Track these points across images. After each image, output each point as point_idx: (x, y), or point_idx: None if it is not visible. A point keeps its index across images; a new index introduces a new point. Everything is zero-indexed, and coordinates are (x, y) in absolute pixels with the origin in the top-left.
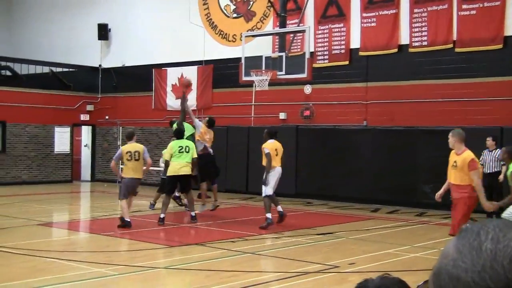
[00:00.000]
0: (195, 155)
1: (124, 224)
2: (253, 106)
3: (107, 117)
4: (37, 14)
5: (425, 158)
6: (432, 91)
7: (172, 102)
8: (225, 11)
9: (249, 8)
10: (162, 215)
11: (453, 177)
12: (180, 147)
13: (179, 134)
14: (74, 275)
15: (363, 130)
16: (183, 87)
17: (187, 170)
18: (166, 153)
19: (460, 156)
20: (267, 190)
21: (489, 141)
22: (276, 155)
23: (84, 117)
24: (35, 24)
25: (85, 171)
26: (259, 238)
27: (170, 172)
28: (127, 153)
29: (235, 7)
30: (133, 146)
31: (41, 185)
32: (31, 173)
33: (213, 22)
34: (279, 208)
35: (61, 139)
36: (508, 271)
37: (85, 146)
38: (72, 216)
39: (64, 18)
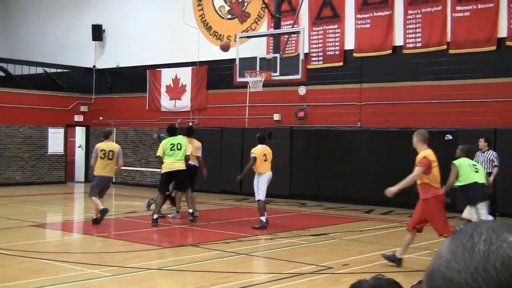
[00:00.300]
0: (188, 153)
1: (101, 215)
2: (247, 107)
3: (101, 118)
4: (31, 15)
5: None
6: (426, 92)
7: (166, 103)
8: (219, 12)
9: (243, 9)
10: (155, 216)
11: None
12: (172, 145)
13: (171, 131)
14: (68, 276)
15: (358, 131)
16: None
17: (181, 166)
18: (158, 150)
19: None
20: (259, 195)
21: (481, 143)
22: (265, 160)
23: (78, 118)
24: (29, 25)
25: (79, 172)
26: (253, 239)
27: (164, 169)
28: (101, 151)
29: (229, 8)
30: (108, 145)
31: (35, 186)
32: (24, 174)
33: (207, 23)
34: (263, 218)
35: (55, 140)
36: (500, 273)
37: (79, 147)
38: (66, 217)
39: (58, 19)
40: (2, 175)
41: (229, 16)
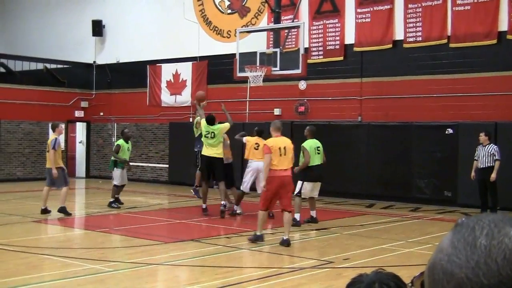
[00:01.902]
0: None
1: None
2: (247, 102)
3: (101, 114)
4: (31, 11)
5: (420, 153)
6: (426, 87)
7: (167, 98)
8: (219, 7)
9: (243, 4)
10: (204, 206)
11: None
12: (207, 132)
13: (210, 120)
14: (69, 271)
15: (358, 125)
16: (197, 100)
17: (214, 153)
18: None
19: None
20: (242, 185)
21: (482, 137)
22: (256, 149)
23: (78, 113)
24: (29, 21)
25: (80, 167)
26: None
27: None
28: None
29: (229, 3)
30: (51, 137)
31: (35, 182)
32: (25, 170)
33: (207, 18)
34: (236, 207)
35: None
36: (501, 268)
37: (79, 142)
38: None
39: (58, 15)
40: (3, 171)
41: (229, 11)
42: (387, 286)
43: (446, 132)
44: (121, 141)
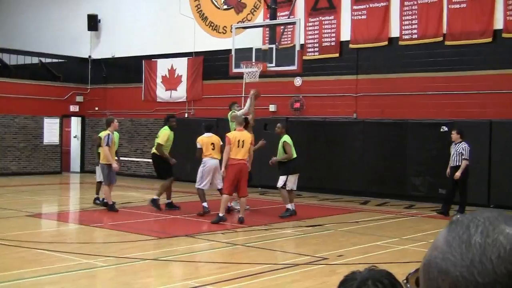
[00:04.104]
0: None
1: None
2: (243, 98)
3: (96, 108)
4: (27, 5)
5: (415, 151)
6: (422, 84)
7: (162, 94)
8: (215, 3)
9: None
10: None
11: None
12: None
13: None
14: (63, 266)
15: (353, 122)
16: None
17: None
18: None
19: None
20: (202, 183)
21: (454, 135)
22: (213, 149)
23: (73, 108)
24: (25, 14)
25: (75, 162)
26: (248, 230)
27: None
28: None
29: None
30: (104, 133)
31: (30, 176)
32: (20, 164)
33: (203, 14)
34: (205, 204)
35: (51, 130)
36: (496, 266)
37: (74, 137)
38: (61, 208)
39: (53, 9)
40: None
41: (225, 7)
42: (380, 283)
43: (441, 130)
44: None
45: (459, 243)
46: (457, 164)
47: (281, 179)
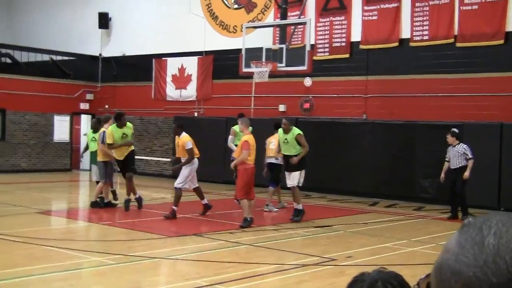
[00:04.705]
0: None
1: None
2: (252, 97)
3: (106, 106)
4: (38, 2)
5: (424, 152)
6: (432, 86)
7: (172, 92)
8: (226, 2)
9: None
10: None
11: (235, 154)
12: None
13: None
14: (72, 263)
15: (363, 123)
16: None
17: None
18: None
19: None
20: (185, 183)
21: (449, 138)
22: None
23: (83, 106)
24: (36, 12)
25: (84, 160)
26: (257, 230)
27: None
28: None
29: None
30: (100, 130)
31: (40, 173)
32: (30, 161)
33: (214, 13)
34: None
35: (61, 128)
36: (510, 266)
37: (84, 135)
38: (70, 205)
39: (65, 7)
40: (8, 161)
41: (236, 6)
42: (390, 284)
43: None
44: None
45: (472, 245)
46: (459, 165)
47: (295, 177)
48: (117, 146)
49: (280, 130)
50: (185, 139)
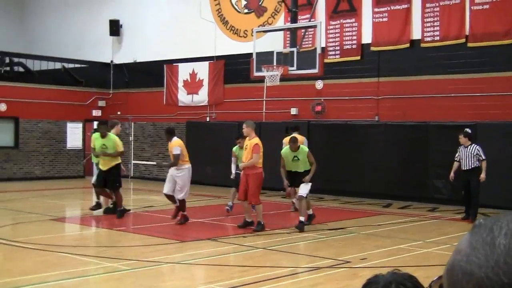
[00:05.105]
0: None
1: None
2: (264, 101)
3: (119, 113)
4: (49, 10)
5: (437, 153)
6: (444, 86)
7: (184, 98)
8: (236, 7)
9: (260, 3)
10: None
11: (244, 157)
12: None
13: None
14: (86, 269)
15: (375, 125)
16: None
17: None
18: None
19: (249, 141)
20: (187, 193)
21: (462, 138)
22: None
23: (96, 112)
24: (47, 20)
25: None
26: (270, 233)
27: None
28: None
29: (246, 2)
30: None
31: (53, 181)
32: (43, 169)
33: (224, 18)
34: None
35: (74, 135)
36: None
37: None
38: (84, 211)
39: (76, 14)
40: (21, 169)
41: (246, 11)
42: (403, 286)
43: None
44: (96, 135)
45: (483, 245)
46: (471, 166)
47: (306, 188)
48: (100, 154)
49: (287, 149)
50: (174, 144)
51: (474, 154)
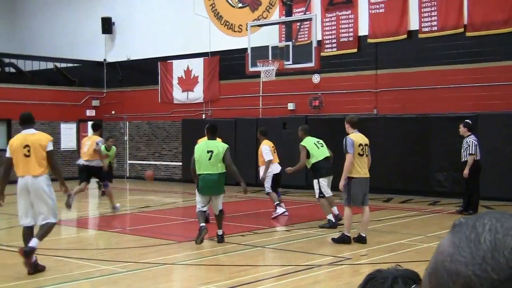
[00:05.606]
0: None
1: None
2: (260, 97)
3: (113, 112)
4: (39, 9)
5: (437, 145)
6: (443, 77)
7: (179, 95)
8: (230, 1)
9: None
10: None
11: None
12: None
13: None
14: (82, 273)
15: (374, 118)
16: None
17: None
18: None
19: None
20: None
21: (461, 129)
22: None
23: (90, 112)
24: (38, 19)
25: None
26: (269, 232)
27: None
28: None
29: None
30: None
31: None
32: None
33: (218, 13)
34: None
35: (68, 136)
36: (510, 261)
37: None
38: (80, 213)
39: (67, 13)
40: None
41: (240, 5)
42: (411, 281)
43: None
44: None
45: (467, 243)
46: (465, 159)
47: (315, 188)
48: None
49: (310, 137)
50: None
51: (465, 146)
